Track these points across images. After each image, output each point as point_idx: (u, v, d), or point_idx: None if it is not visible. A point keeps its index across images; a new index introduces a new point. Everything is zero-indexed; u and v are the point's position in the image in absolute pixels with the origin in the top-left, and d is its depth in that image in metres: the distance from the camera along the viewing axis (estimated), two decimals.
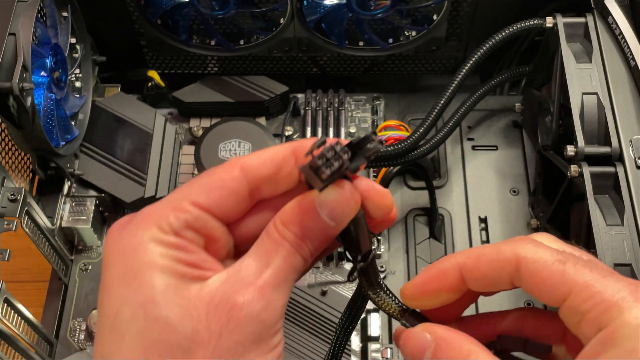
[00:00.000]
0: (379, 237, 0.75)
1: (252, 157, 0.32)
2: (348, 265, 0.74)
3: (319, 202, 0.30)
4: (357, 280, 0.35)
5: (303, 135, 0.82)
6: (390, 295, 0.35)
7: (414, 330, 0.32)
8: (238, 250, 0.33)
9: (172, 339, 0.28)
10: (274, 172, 0.32)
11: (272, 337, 0.29)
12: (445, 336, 0.31)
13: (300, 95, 0.85)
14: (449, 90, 0.74)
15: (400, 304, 0.35)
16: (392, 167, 0.74)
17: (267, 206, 0.33)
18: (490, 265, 0.31)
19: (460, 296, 0.33)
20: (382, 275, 0.73)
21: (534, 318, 0.34)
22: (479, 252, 0.31)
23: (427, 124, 0.75)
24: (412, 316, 0.34)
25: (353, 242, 0.33)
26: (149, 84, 0.85)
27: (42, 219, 0.66)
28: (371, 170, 0.74)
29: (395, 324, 0.72)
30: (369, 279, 0.35)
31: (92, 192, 0.75)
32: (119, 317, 0.29)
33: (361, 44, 0.82)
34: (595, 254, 0.53)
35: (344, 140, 0.31)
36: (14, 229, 0.59)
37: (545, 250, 0.30)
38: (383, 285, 0.35)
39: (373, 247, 0.35)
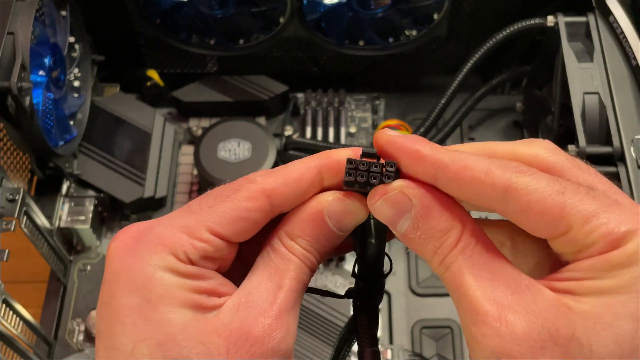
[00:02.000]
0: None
1: (276, 180, 0.29)
2: (348, 266, 0.74)
3: (329, 211, 0.29)
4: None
5: (303, 134, 0.81)
6: (369, 333, 0.32)
7: (392, 190, 0.28)
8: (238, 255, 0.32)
9: None
10: (301, 197, 0.30)
11: None
12: (429, 203, 0.27)
13: (300, 95, 0.85)
14: (450, 90, 0.73)
15: (372, 345, 0.31)
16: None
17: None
18: (473, 183, 0.26)
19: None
20: None
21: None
22: (466, 162, 0.26)
23: (427, 123, 0.74)
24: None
25: (363, 258, 0.31)
26: (148, 83, 0.85)
27: (41, 219, 0.66)
28: None
29: (397, 325, 0.72)
30: (362, 304, 0.32)
31: (91, 192, 0.75)
32: (135, 354, 0.27)
33: (361, 43, 0.82)
34: None
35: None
36: (12, 229, 0.58)
37: (540, 180, 0.26)
38: (373, 321, 0.32)
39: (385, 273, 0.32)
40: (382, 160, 0.28)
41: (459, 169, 0.26)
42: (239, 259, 0.31)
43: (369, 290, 0.32)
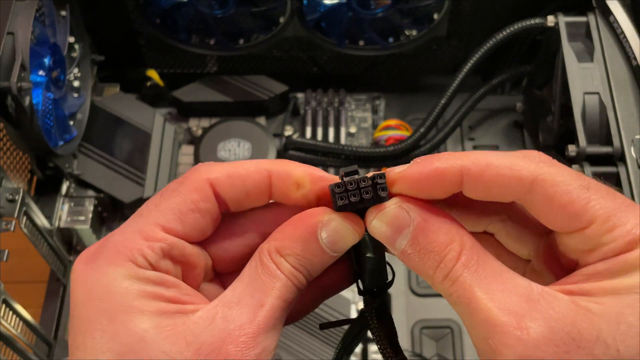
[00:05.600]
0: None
1: (221, 171, 0.29)
2: None
3: (323, 230, 0.28)
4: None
5: (303, 134, 0.81)
6: (390, 342, 0.31)
7: (389, 207, 0.28)
8: (216, 270, 0.31)
9: None
10: (246, 195, 0.29)
11: None
12: (427, 217, 0.27)
13: (300, 95, 0.85)
14: (450, 90, 0.73)
15: (397, 354, 0.31)
16: (392, 167, 0.74)
17: (241, 220, 0.31)
18: (498, 179, 0.26)
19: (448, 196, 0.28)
20: None
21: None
22: (488, 160, 0.26)
23: (427, 123, 0.74)
24: None
25: (366, 273, 0.31)
26: (148, 83, 0.84)
27: (41, 220, 0.66)
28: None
29: (397, 325, 0.72)
30: (377, 319, 0.31)
31: (91, 193, 0.75)
32: None
33: (361, 43, 0.82)
34: None
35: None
36: (12, 229, 0.58)
37: (565, 172, 0.26)
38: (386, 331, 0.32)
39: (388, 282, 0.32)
40: (363, 174, 0.28)
41: (482, 168, 0.26)
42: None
43: (381, 304, 0.32)
